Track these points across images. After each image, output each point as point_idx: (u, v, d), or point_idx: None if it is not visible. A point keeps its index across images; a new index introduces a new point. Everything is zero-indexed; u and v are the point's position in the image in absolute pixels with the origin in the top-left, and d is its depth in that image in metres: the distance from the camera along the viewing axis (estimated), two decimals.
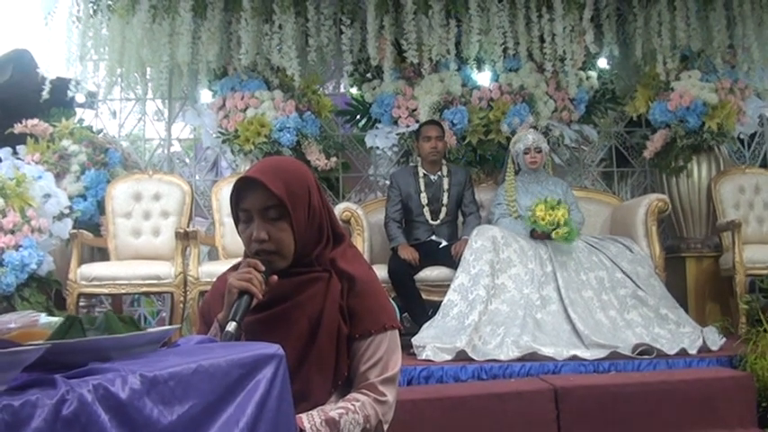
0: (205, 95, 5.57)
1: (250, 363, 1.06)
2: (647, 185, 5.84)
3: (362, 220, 4.63)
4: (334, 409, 1.55)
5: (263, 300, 1.58)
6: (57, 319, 1.19)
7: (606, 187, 5.87)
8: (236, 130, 5.08)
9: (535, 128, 4.99)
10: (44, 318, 1.25)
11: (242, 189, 1.61)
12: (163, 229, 4.86)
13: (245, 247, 1.66)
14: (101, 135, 5.53)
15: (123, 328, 1.09)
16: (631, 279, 4.15)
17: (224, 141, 5.19)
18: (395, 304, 1.85)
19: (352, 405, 1.57)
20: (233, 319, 1.46)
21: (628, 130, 5.93)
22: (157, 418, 0.88)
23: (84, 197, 4.97)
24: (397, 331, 1.69)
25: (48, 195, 4.07)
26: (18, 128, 4.94)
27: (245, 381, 1.05)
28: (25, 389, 0.79)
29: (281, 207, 1.57)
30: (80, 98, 5.45)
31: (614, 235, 4.62)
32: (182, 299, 4.32)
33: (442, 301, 4.11)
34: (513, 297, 4.03)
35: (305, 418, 1.50)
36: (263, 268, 1.55)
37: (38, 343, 0.92)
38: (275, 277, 1.57)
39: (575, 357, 3.61)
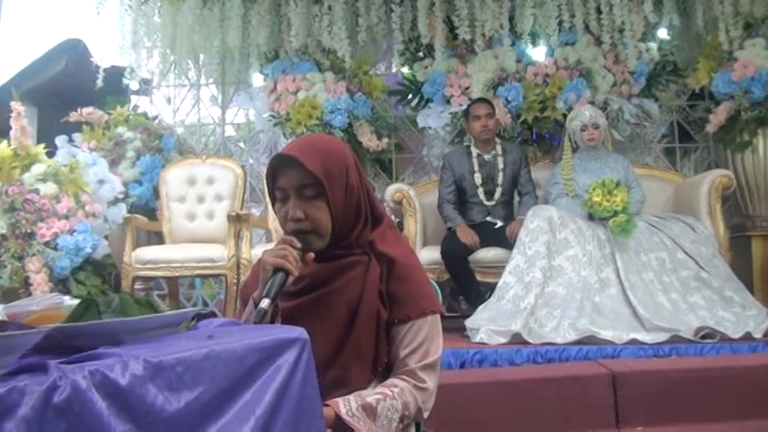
0: (258, 79, 5.58)
1: (270, 347, 1.02)
2: (710, 161, 5.61)
3: (414, 201, 4.57)
4: (371, 394, 1.50)
5: (300, 285, 1.55)
6: None
7: (669, 164, 5.66)
8: (288, 113, 5.06)
9: (592, 103, 4.82)
10: (68, 300, 1.24)
11: (278, 167, 1.56)
12: (217, 213, 4.89)
13: (281, 226, 1.62)
14: (156, 121, 5.61)
15: (138, 310, 1.06)
16: (694, 260, 3.98)
17: (276, 124, 5.19)
18: (437, 287, 1.78)
19: (391, 391, 1.51)
20: (266, 296, 1.40)
21: (690, 104, 5.69)
22: (162, 405, 0.83)
23: (140, 182, 5.07)
24: (438, 316, 1.62)
25: (102, 181, 4.13)
26: (73, 116, 5.05)
27: (264, 366, 1.00)
28: (16, 375, 0.76)
29: (318, 185, 1.52)
30: (134, 85, 5.53)
31: (677, 214, 4.44)
32: (235, 281, 4.34)
33: (497, 283, 4.02)
34: (571, 279, 3.92)
35: (341, 403, 1.46)
36: (298, 245, 1.49)
37: (35, 328, 0.89)
38: (312, 255, 1.52)
39: (634, 341, 3.49)
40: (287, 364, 1.03)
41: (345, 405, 1.46)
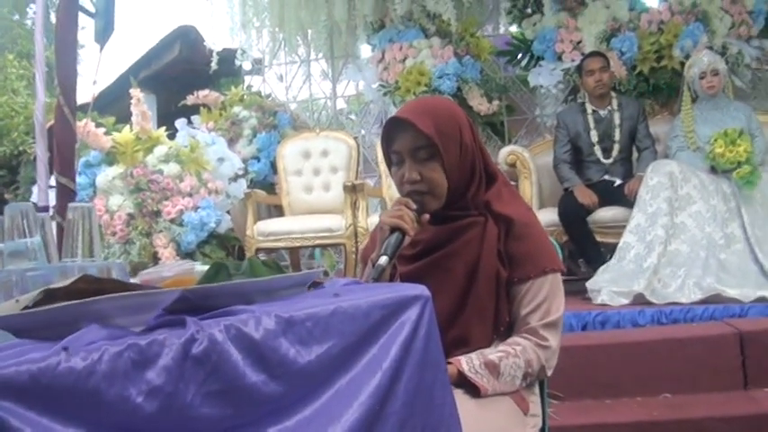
0: (366, 50, 5.65)
1: (393, 304, 1.03)
2: None
3: (529, 163, 4.49)
4: (493, 352, 1.51)
5: (417, 249, 1.57)
6: None
7: None
8: (397, 82, 5.10)
9: (711, 48, 4.55)
10: (200, 266, 1.30)
11: (392, 131, 1.58)
12: (333, 184, 5.02)
13: (397, 189, 1.63)
14: (270, 99, 5.77)
15: (267, 272, 1.10)
16: None
17: (385, 94, 5.22)
18: (557, 245, 1.75)
19: (513, 349, 1.52)
20: (384, 254, 1.44)
21: None
22: (294, 358, 0.87)
23: (257, 159, 5.25)
24: (558, 274, 1.59)
25: (221, 159, 4.31)
26: (190, 99, 5.29)
27: (389, 322, 1.02)
28: (155, 330, 0.81)
29: (432, 147, 1.53)
30: (247, 66, 5.71)
31: None
32: (353, 250, 4.45)
33: (617, 244, 3.91)
34: (695, 236, 3.76)
35: (463, 361, 1.48)
36: (414, 206, 1.52)
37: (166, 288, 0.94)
38: (427, 216, 1.54)
39: (762, 299, 3.32)
40: (410, 321, 1.04)
41: (468, 362, 1.47)
